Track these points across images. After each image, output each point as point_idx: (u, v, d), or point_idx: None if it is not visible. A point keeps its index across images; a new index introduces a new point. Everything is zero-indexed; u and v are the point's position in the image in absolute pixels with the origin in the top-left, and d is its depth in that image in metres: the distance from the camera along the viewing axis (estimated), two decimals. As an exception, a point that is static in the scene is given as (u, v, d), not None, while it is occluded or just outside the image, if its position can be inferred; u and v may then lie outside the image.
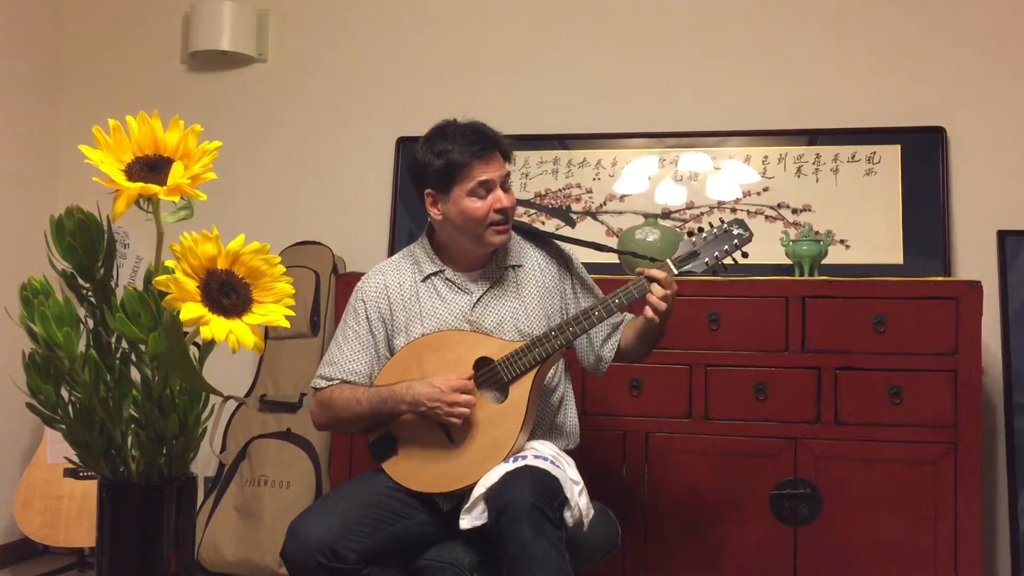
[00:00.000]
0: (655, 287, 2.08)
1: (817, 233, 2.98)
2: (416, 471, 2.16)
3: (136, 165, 1.41)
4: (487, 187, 2.16)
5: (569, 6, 3.42)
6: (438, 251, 2.29)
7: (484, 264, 2.28)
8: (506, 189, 2.20)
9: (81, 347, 1.47)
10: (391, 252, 3.25)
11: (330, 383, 2.25)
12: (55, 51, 3.80)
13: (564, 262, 2.35)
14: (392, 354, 2.25)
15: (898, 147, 3.10)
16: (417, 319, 2.24)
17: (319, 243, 3.43)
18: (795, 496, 2.63)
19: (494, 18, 3.48)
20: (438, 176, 2.17)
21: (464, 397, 2.07)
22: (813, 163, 3.16)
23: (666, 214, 3.21)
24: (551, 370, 2.24)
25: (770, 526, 2.64)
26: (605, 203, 3.30)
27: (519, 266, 2.29)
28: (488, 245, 2.22)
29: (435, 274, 2.27)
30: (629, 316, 2.30)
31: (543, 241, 2.38)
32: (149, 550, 1.49)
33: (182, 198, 1.42)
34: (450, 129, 2.20)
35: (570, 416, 2.33)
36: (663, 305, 2.08)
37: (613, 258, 2.85)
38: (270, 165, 3.63)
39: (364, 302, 2.28)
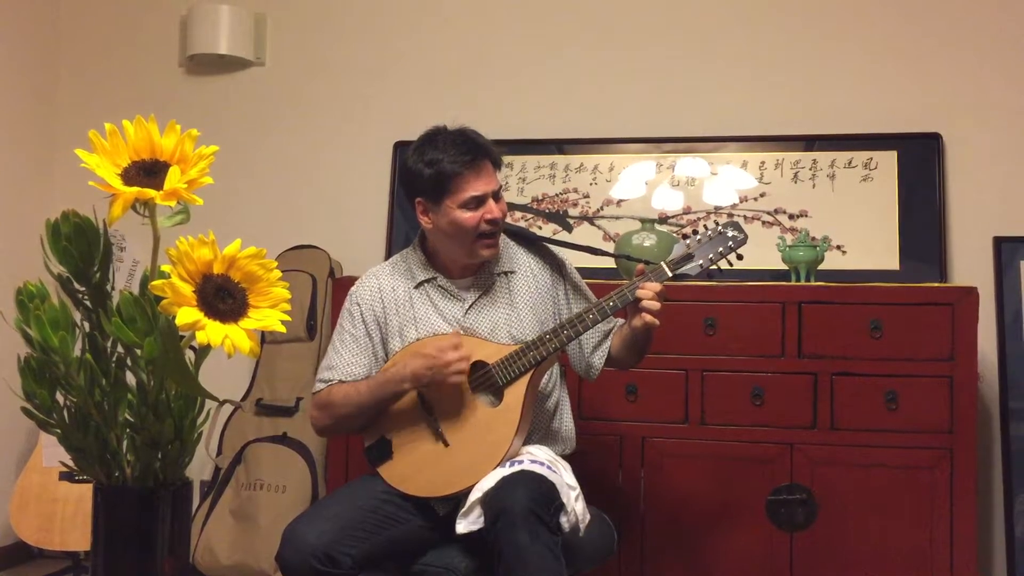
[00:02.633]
0: (646, 291, 2.08)
1: (813, 238, 2.98)
2: (411, 475, 2.15)
3: (132, 169, 1.41)
4: (478, 201, 2.16)
5: (567, 11, 3.42)
6: (430, 258, 2.29)
7: (476, 271, 2.27)
8: (497, 199, 2.20)
9: (76, 351, 1.46)
10: (388, 256, 3.24)
11: (328, 385, 2.24)
12: (52, 54, 3.80)
13: (557, 267, 2.35)
14: (388, 357, 2.25)
15: (895, 153, 3.10)
16: (411, 324, 2.24)
17: (316, 247, 3.44)
18: (791, 502, 2.63)
19: (491, 23, 3.48)
20: (429, 186, 2.16)
21: (455, 354, 2.06)
22: (810, 169, 3.16)
23: (663, 219, 3.22)
24: (546, 375, 2.24)
25: (766, 532, 2.64)
26: (602, 208, 3.30)
27: (512, 272, 2.29)
28: (476, 257, 2.22)
29: (427, 281, 2.26)
30: (620, 322, 2.30)
31: (536, 246, 2.37)
32: (144, 554, 1.49)
33: (178, 202, 1.42)
34: (440, 137, 2.18)
35: (566, 422, 2.33)
36: (657, 305, 2.07)
37: (610, 263, 2.85)
38: (267, 169, 3.63)
39: (359, 305, 2.28)
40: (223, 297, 1.37)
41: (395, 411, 2.18)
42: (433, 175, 2.14)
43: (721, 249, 2.14)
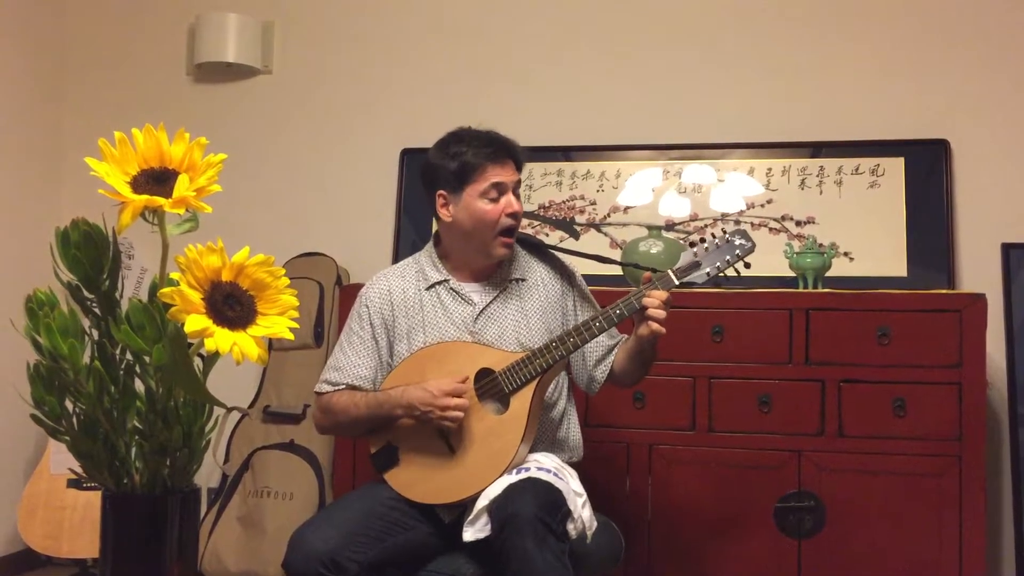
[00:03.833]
0: (651, 299, 2.08)
1: (821, 245, 2.98)
2: (417, 482, 2.16)
3: (141, 177, 1.41)
4: (499, 190, 2.18)
5: (573, 18, 3.43)
6: (443, 260, 2.30)
7: (488, 276, 2.28)
8: (517, 196, 2.23)
9: (86, 359, 1.47)
10: (395, 263, 3.25)
11: (334, 388, 2.25)
12: (60, 63, 3.82)
13: (568, 277, 2.35)
14: (393, 360, 2.26)
15: (902, 159, 3.10)
16: (419, 327, 2.24)
17: (323, 254, 3.44)
18: (799, 509, 2.63)
19: (498, 30, 3.49)
20: (451, 177, 2.19)
21: (455, 401, 2.07)
22: (817, 175, 3.16)
23: (670, 226, 3.22)
24: (552, 383, 2.24)
25: (774, 539, 2.63)
26: (609, 215, 3.30)
27: (523, 279, 2.30)
28: (492, 256, 2.23)
29: (439, 283, 2.27)
30: (625, 337, 2.30)
31: (548, 255, 2.38)
32: (152, 561, 1.49)
33: (187, 210, 1.42)
34: (465, 134, 2.24)
35: (572, 431, 2.33)
36: (662, 313, 2.07)
37: (617, 271, 2.85)
38: (275, 176, 3.64)
39: (368, 307, 2.29)
40: (231, 304, 1.37)
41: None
42: (457, 166, 2.18)
43: (728, 257, 2.14)
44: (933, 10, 3.15)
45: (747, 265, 2.16)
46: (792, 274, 2.92)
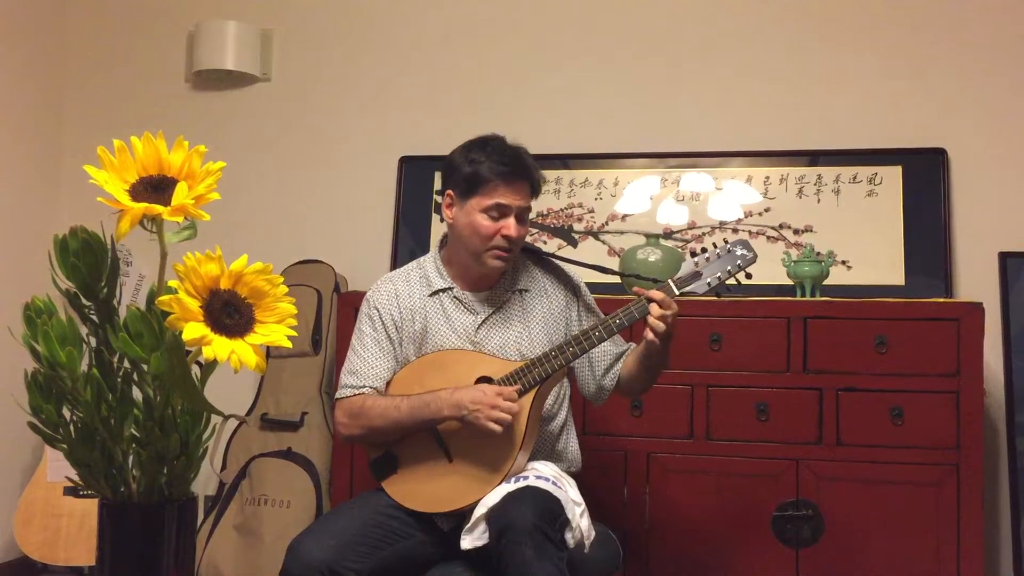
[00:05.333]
0: (654, 307, 2.08)
1: (819, 254, 2.98)
2: (415, 490, 2.15)
3: (140, 185, 1.42)
4: (502, 211, 2.17)
5: (571, 26, 3.44)
6: (447, 265, 2.30)
7: (492, 285, 2.28)
8: (521, 221, 2.21)
9: (83, 366, 1.47)
10: (393, 270, 3.25)
11: (356, 391, 2.22)
12: (59, 70, 3.82)
13: (573, 290, 2.35)
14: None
15: (899, 168, 3.10)
16: (422, 334, 2.24)
17: (321, 262, 3.44)
18: (797, 518, 2.62)
19: (496, 38, 3.50)
20: (463, 181, 2.19)
21: (506, 404, 2.05)
22: (814, 184, 3.17)
23: (668, 234, 3.22)
24: (552, 395, 2.24)
25: (772, 548, 2.63)
26: (607, 223, 3.30)
27: (526, 291, 2.30)
28: (484, 267, 2.22)
29: (443, 291, 2.27)
30: (632, 346, 2.30)
31: (553, 267, 2.38)
32: (149, 569, 1.49)
33: (186, 218, 1.42)
34: (492, 143, 2.22)
35: (571, 443, 2.33)
36: (662, 326, 2.07)
37: (615, 278, 2.85)
38: (273, 184, 3.65)
39: (378, 309, 2.28)
40: (230, 312, 1.37)
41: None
42: (470, 173, 2.18)
43: (730, 268, 2.14)
44: (931, 18, 3.15)
45: (748, 276, 2.16)
46: (790, 282, 2.92)
